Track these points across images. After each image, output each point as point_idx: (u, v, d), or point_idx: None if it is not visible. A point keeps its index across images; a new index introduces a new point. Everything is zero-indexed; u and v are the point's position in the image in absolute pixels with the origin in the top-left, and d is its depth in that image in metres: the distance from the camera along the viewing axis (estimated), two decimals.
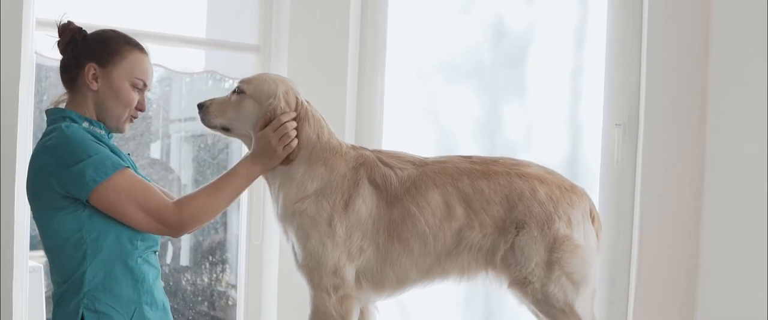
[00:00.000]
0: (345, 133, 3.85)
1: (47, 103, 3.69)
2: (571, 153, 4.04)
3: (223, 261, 4.58)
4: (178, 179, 4.86)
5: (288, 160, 2.39)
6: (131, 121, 2.54)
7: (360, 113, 3.97)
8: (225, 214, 4.36)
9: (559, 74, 4.03)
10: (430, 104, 4.05)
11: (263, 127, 2.41)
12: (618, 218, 3.95)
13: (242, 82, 2.47)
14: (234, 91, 2.47)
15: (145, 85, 2.52)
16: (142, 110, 2.52)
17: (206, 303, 4.48)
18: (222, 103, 2.47)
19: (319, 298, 2.36)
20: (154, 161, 6.19)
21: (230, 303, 4.33)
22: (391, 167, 2.43)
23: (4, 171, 3.42)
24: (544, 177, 2.42)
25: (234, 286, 4.21)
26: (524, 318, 3.98)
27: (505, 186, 2.39)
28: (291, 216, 2.38)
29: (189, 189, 4.30)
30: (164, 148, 4.37)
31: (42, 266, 4.80)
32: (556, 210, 2.37)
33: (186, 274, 5.89)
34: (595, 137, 3.99)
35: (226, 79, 4.12)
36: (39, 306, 4.39)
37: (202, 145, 4.27)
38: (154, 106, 4.39)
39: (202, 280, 4.80)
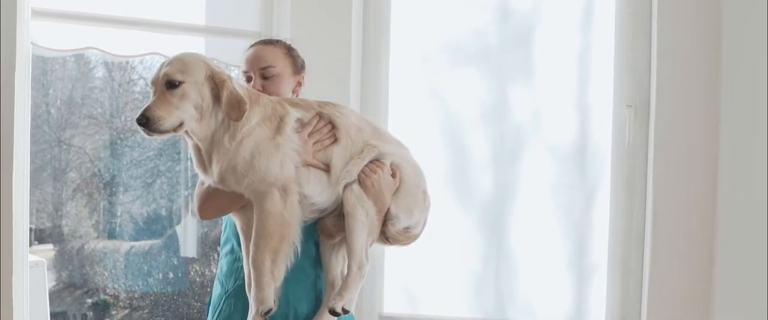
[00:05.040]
0: None
1: (54, 98, 3.65)
2: (580, 135, 3.96)
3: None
4: (186, 170, 4.82)
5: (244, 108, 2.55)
6: None
7: (365, 98, 3.94)
8: None
9: (567, 54, 3.95)
10: (435, 88, 4.00)
11: (216, 97, 2.53)
12: (630, 201, 3.89)
13: (168, 74, 2.51)
14: (167, 88, 2.50)
15: (248, 73, 2.85)
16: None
17: (209, 289, 4.44)
18: (162, 103, 2.50)
19: (270, 202, 2.53)
20: (161, 151, 6.15)
21: None
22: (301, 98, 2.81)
23: (3, 164, 3.38)
24: None
25: None
26: (536, 304, 3.97)
27: (399, 140, 2.83)
28: (236, 148, 2.53)
29: (196, 178, 4.26)
30: (170, 138, 4.31)
31: (45, 261, 4.78)
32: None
33: (194, 265, 5.87)
34: (606, 119, 3.92)
35: (228, 66, 4.08)
36: (42, 300, 4.35)
37: None
38: None
39: (211, 271, 4.77)
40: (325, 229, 2.69)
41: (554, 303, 3.97)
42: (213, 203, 2.67)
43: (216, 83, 2.53)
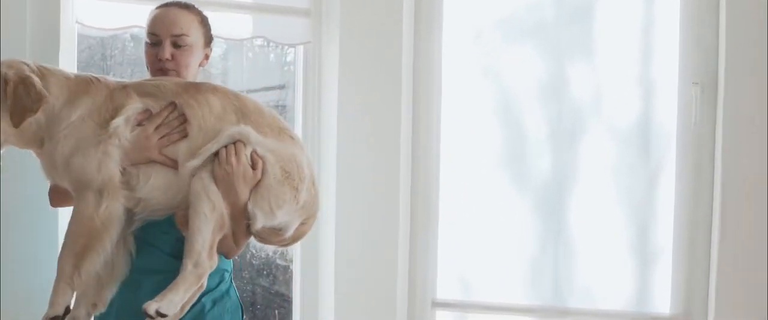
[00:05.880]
0: (402, 97, 3.78)
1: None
2: (643, 114, 3.83)
3: None
4: None
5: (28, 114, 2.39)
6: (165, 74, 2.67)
7: (417, 76, 3.88)
8: None
9: (629, 28, 3.83)
10: (489, 65, 3.91)
11: (16, 107, 2.39)
12: (696, 184, 3.76)
13: None
14: None
15: (157, 36, 2.67)
16: (161, 60, 2.65)
17: (269, 278, 4.45)
18: None
19: (83, 205, 2.37)
20: None
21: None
22: (162, 80, 2.56)
23: None
24: None
25: None
26: (595, 291, 3.87)
27: (284, 127, 2.57)
28: (54, 147, 2.41)
29: None
30: None
31: None
32: None
33: (249, 249, 5.86)
34: (671, 97, 3.79)
35: (278, 45, 4.04)
36: None
37: None
38: (219, 80, 4.36)
39: (264, 255, 4.77)
40: (178, 220, 2.48)
41: (615, 290, 3.86)
42: (56, 194, 2.60)
43: (8, 93, 2.39)
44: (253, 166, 2.43)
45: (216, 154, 2.43)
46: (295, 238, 2.58)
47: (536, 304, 3.91)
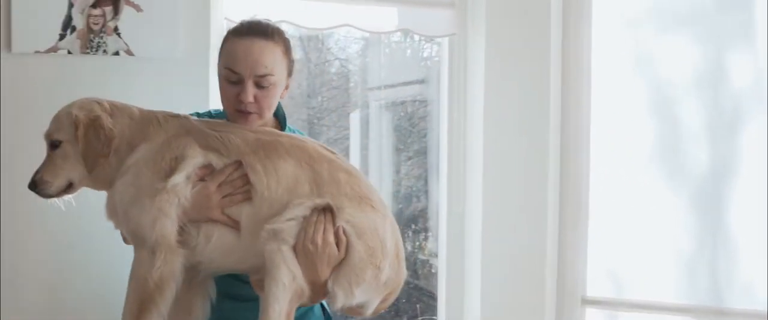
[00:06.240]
0: (550, 89, 3.72)
1: None
2: None
3: (426, 230, 4.56)
4: (380, 148, 4.84)
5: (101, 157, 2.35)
6: (246, 119, 2.48)
7: (566, 68, 3.80)
8: (426, 182, 4.33)
9: None
10: (642, 55, 3.80)
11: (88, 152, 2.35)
12: None
13: (48, 134, 2.42)
14: (52, 148, 2.41)
15: (237, 74, 2.43)
16: (243, 102, 2.43)
17: (409, 272, 4.45)
18: (48, 165, 2.41)
19: (137, 262, 2.29)
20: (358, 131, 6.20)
21: (433, 271, 4.30)
22: (229, 132, 2.38)
23: None
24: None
25: (436, 255, 4.15)
26: (757, 290, 3.68)
27: (365, 194, 2.35)
28: (115, 190, 2.35)
29: (388, 162, 4.25)
30: (364, 117, 4.34)
31: None
32: None
33: None
34: None
35: (424, 39, 4.03)
36: None
37: (402, 114, 4.24)
38: (357, 77, 4.41)
39: (405, 248, 4.77)
40: (255, 284, 2.34)
41: None
42: None
43: (78, 130, 2.35)
44: (337, 244, 2.27)
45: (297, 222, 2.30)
46: (376, 312, 2.43)
47: (692, 303, 3.77)
